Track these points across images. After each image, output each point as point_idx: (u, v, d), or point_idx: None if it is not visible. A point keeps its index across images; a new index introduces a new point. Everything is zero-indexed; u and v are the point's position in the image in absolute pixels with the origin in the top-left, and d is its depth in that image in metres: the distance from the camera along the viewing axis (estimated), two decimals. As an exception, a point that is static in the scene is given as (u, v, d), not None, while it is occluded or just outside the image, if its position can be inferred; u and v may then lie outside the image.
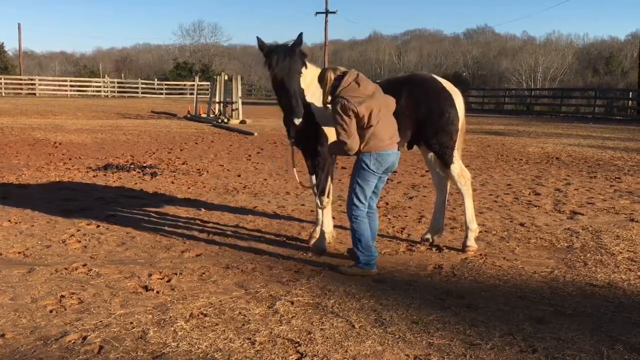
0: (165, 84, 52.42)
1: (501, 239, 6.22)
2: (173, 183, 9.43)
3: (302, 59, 5.02)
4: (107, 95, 48.77)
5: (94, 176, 9.93)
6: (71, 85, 49.52)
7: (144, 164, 11.38)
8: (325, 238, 5.67)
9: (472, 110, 33.56)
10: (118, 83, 53.04)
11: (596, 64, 75.67)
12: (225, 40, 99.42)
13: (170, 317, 3.99)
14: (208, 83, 34.49)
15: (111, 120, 23.54)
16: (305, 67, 5.05)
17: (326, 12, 51.71)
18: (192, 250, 5.63)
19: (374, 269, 4.97)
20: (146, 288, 4.55)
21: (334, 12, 52.31)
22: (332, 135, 5.05)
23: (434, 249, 5.78)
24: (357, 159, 4.97)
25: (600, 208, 7.77)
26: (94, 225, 6.56)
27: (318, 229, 5.73)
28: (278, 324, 3.89)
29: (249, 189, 8.99)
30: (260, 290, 4.53)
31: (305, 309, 4.18)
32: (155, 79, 54.77)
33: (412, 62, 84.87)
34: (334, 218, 6.26)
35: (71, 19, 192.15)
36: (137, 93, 50.01)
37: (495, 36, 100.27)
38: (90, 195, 8.29)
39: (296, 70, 4.93)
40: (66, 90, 48.25)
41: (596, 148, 15.36)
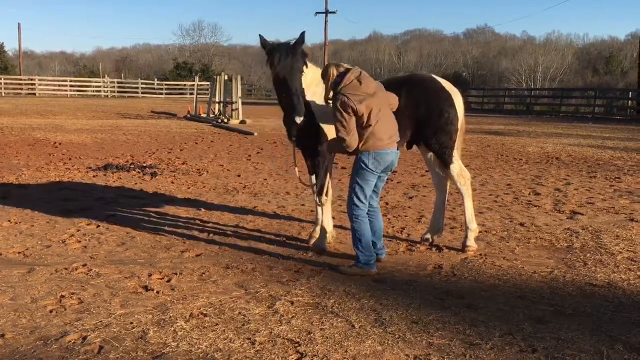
0: (165, 84, 52.43)
1: (501, 238, 6.22)
2: (173, 183, 9.43)
3: (304, 58, 5.02)
4: (107, 95, 48.77)
5: (94, 176, 9.94)
6: (71, 85, 49.52)
7: (144, 164, 11.38)
8: (325, 238, 5.67)
9: (472, 110, 33.58)
10: (118, 83, 53.05)
11: (596, 63, 75.73)
12: (225, 40, 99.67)
13: (170, 317, 3.99)
14: (208, 83, 34.50)
15: (111, 120, 23.53)
16: (306, 67, 5.06)
17: (326, 12, 51.75)
18: (192, 250, 5.64)
19: (374, 269, 4.97)
20: (146, 288, 4.56)
21: (333, 12, 52.43)
22: (332, 134, 5.05)
23: (433, 249, 5.78)
24: (356, 159, 4.97)
25: (600, 208, 7.78)
26: (94, 225, 6.56)
27: (318, 228, 5.74)
28: (278, 324, 3.90)
29: (249, 189, 8.99)
30: (260, 290, 4.53)
31: (305, 309, 4.18)
32: (155, 79, 54.77)
33: (412, 62, 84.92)
34: (333, 218, 6.27)
35: (71, 19, 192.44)
36: (137, 93, 50.01)
37: (495, 36, 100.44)
38: (90, 195, 8.29)
39: (298, 69, 4.93)
40: (66, 90, 48.25)
41: (596, 148, 15.36)
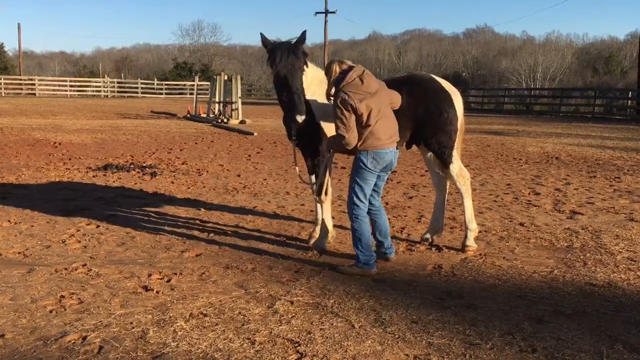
0: (165, 84, 52.45)
1: (501, 238, 6.22)
2: (173, 183, 9.43)
3: (305, 57, 5.02)
4: (107, 95, 48.79)
5: (93, 176, 9.93)
6: (71, 86, 49.55)
7: (144, 164, 11.38)
8: (325, 238, 5.67)
9: (472, 110, 33.62)
10: (118, 83, 53.06)
11: (596, 63, 75.75)
12: (225, 40, 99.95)
13: (170, 317, 3.99)
14: (208, 83, 34.50)
15: (111, 120, 23.53)
16: (307, 66, 5.05)
17: (326, 12, 51.75)
18: (192, 250, 5.64)
19: (374, 269, 4.97)
20: (146, 288, 4.55)
21: (333, 12, 52.43)
22: (332, 134, 5.05)
23: (433, 249, 5.78)
24: (355, 158, 4.97)
25: (599, 208, 7.78)
26: (93, 225, 6.56)
27: (318, 228, 5.74)
28: (278, 324, 3.90)
29: (249, 189, 8.99)
30: (260, 290, 4.53)
31: (305, 308, 4.18)
32: (155, 79, 54.79)
33: (412, 62, 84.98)
34: (333, 218, 6.27)
35: (71, 19, 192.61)
36: (137, 93, 50.02)
37: (494, 36, 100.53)
38: (90, 195, 8.29)
39: (299, 68, 4.92)
40: (66, 91, 48.29)
41: (596, 148, 15.36)
